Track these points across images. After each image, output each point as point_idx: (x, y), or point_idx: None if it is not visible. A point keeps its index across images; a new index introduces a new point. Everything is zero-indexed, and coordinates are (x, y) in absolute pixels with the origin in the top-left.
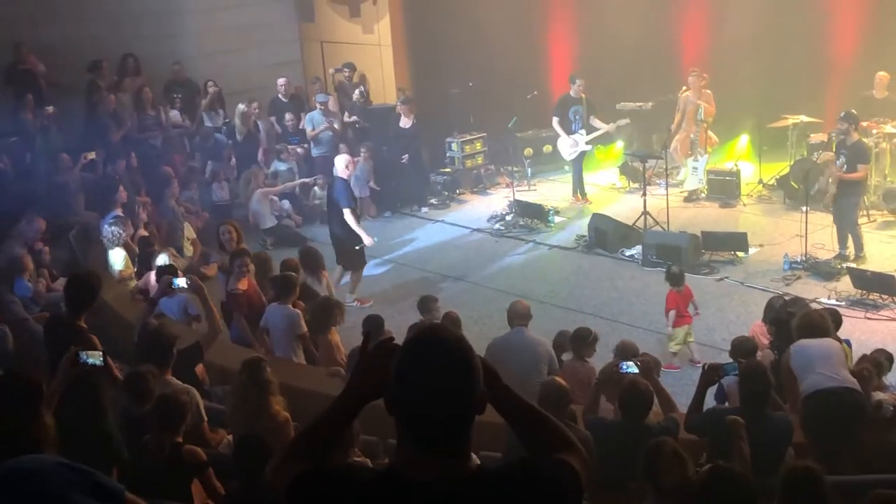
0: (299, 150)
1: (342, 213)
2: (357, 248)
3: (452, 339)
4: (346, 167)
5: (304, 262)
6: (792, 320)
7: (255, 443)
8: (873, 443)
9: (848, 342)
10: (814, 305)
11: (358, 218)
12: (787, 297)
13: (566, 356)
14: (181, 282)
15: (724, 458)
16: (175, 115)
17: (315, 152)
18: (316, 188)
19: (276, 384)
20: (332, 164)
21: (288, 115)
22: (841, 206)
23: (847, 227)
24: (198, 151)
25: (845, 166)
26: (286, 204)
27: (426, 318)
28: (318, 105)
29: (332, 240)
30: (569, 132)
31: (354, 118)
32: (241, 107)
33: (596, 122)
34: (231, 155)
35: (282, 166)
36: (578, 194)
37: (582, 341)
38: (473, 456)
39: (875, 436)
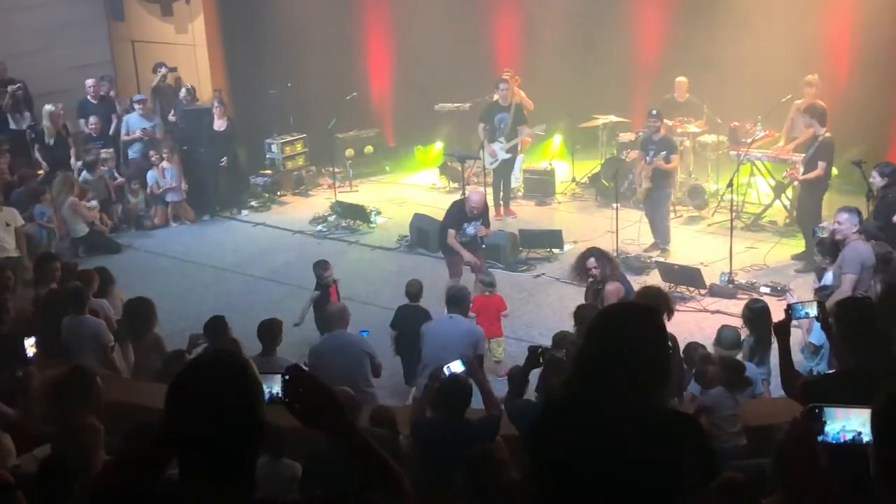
0: (104, 153)
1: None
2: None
3: (228, 366)
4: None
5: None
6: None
7: (60, 466)
8: None
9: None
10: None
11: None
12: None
13: None
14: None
15: None
16: None
17: (131, 153)
18: (129, 195)
19: (100, 397)
20: (146, 166)
21: (92, 119)
22: (654, 199)
23: (658, 218)
24: None
25: (657, 158)
26: (94, 202)
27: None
28: (135, 106)
29: None
30: (492, 140)
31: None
32: (48, 107)
33: (523, 130)
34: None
35: (90, 176)
36: (502, 207)
37: None
38: None
39: None
